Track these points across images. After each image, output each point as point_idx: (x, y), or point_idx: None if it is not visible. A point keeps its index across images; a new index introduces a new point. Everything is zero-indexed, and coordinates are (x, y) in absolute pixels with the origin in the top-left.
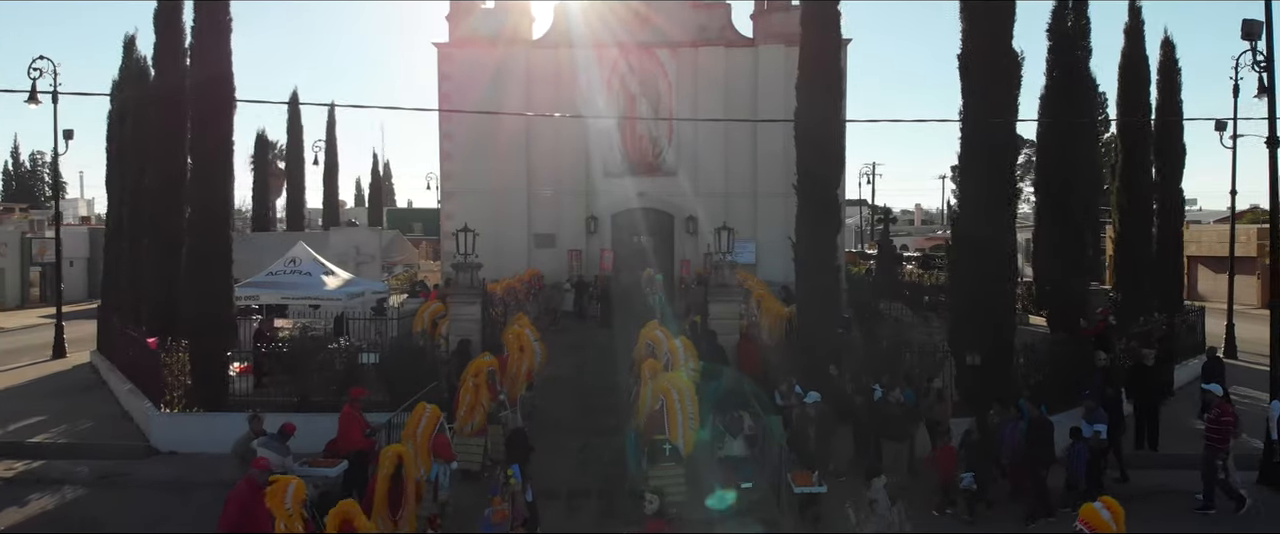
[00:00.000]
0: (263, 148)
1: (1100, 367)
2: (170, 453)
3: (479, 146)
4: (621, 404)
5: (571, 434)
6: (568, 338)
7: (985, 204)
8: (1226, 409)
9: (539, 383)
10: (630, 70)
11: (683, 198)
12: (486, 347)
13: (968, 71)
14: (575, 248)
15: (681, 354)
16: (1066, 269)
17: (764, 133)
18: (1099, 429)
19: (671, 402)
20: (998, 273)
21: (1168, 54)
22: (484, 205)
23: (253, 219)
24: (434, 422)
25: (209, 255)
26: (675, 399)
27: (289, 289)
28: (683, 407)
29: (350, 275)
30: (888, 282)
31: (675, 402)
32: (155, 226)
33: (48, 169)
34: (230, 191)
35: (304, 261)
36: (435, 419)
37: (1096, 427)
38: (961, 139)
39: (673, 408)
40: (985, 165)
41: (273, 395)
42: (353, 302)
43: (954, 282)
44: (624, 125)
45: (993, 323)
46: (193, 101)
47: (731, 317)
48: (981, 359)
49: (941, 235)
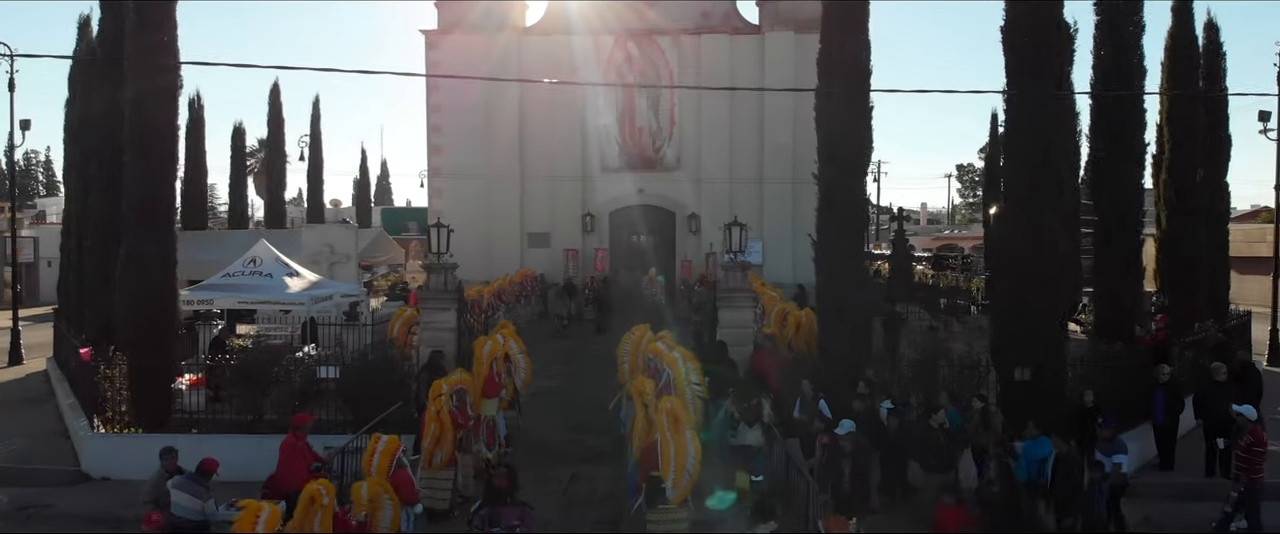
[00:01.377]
0: (239, 140)
1: (1163, 382)
2: (102, 479)
3: (469, 141)
4: (614, 423)
5: (559, 462)
6: (558, 345)
7: (1034, 194)
8: (1259, 436)
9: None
10: (629, 60)
11: (684, 194)
12: (462, 360)
13: (1013, 44)
14: (571, 247)
15: (684, 370)
16: (1117, 269)
17: (771, 125)
18: (1120, 461)
19: (663, 433)
20: (1049, 274)
21: (1212, 37)
22: (475, 203)
23: (229, 216)
24: (391, 454)
25: (149, 254)
26: (667, 433)
27: (246, 292)
28: (677, 442)
29: (318, 277)
30: (903, 283)
31: (667, 437)
32: (96, 221)
33: (41, 168)
34: (173, 180)
35: (265, 261)
36: (392, 452)
37: (1116, 458)
38: (1006, 120)
39: (665, 444)
40: (1034, 150)
41: (225, 413)
42: (319, 306)
43: (996, 284)
44: (622, 118)
45: (1043, 332)
46: (131, 76)
47: (743, 325)
48: (1032, 373)
49: (949, 235)
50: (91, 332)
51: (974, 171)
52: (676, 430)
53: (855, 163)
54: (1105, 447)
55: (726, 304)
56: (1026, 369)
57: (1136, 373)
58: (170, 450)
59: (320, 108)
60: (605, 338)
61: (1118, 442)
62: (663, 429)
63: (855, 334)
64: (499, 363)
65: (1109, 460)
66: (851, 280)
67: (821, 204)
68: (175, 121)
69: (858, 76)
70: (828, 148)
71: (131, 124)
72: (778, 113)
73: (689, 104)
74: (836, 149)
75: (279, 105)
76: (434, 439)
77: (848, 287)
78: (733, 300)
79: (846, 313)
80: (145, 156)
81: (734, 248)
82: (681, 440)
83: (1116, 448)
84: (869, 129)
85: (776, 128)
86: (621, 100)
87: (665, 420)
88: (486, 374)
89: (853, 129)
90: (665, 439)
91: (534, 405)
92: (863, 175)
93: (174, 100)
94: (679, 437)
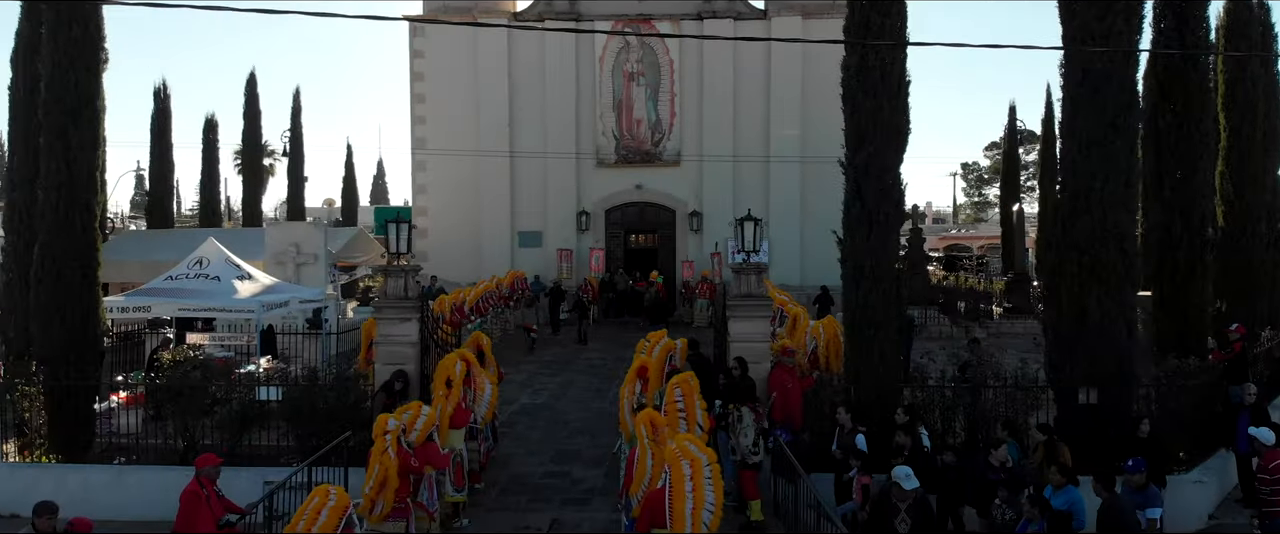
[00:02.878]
0: (211, 133)
1: (1246, 405)
2: (10, 516)
3: (456, 134)
4: (605, 450)
5: (537, 500)
6: (547, 354)
7: (1100, 180)
8: (1275, 457)
9: (501, 419)
10: (626, 46)
11: (685, 190)
12: (426, 382)
13: (1072, 8)
14: (565, 247)
15: (697, 405)
16: (1182, 272)
17: (778, 117)
18: (1153, 514)
19: (680, 478)
20: (1121, 277)
21: (1264, 18)
22: (461, 200)
23: (200, 214)
24: (336, 519)
25: (65, 255)
26: (685, 476)
27: (188, 298)
28: (696, 488)
29: (274, 280)
30: (920, 286)
31: (684, 480)
32: (12, 217)
33: None
34: (93, 166)
35: (213, 262)
36: (338, 515)
37: (1150, 513)
38: (1065, 98)
39: (680, 489)
40: (1100, 125)
41: (156, 440)
42: (273, 312)
43: (1055, 288)
44: (619, 109)
45: (1113, 346)
46: (46, 42)
47: (760, 338)
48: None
49: (956, 235)
50: (19, 344)
51: (980, 170)
52: (695, 473)
53: (890, 145)
54: (1138, 492)
55: (738, 313)
56: (1092, 390)
57: (1209, 393)
58: (46, 507)
59: (301, 100)
60: (599, 349)
61: (1151, 492)
62: (680, 474)
63: (890, 348)
64: (457, 385)
65: (1144, 514)
66: (885, 282)
67: (850, 194)
68: (98, 97)
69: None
70: (856, 128)
71: (46, 101)
72: (785, 104)
73: (690, 95)
74: (867, 128)
75: (256, 96)
76: (377, 484)
77: (881, 290)
78: (744, 309)
79: (881, 322)
80: (61, 138)
81: (747, 246)
82: (701, 492)
83: (1150, 499)
84: (906, 106)
85: (783, 120)
86: (618, 90)
87: (684, 468)
88: (455, 399)
89: (887, 105)
90: (679, 490)
91: (513, 426)
92: (898, 159)
93: (96, 67)
94: (698, 487)
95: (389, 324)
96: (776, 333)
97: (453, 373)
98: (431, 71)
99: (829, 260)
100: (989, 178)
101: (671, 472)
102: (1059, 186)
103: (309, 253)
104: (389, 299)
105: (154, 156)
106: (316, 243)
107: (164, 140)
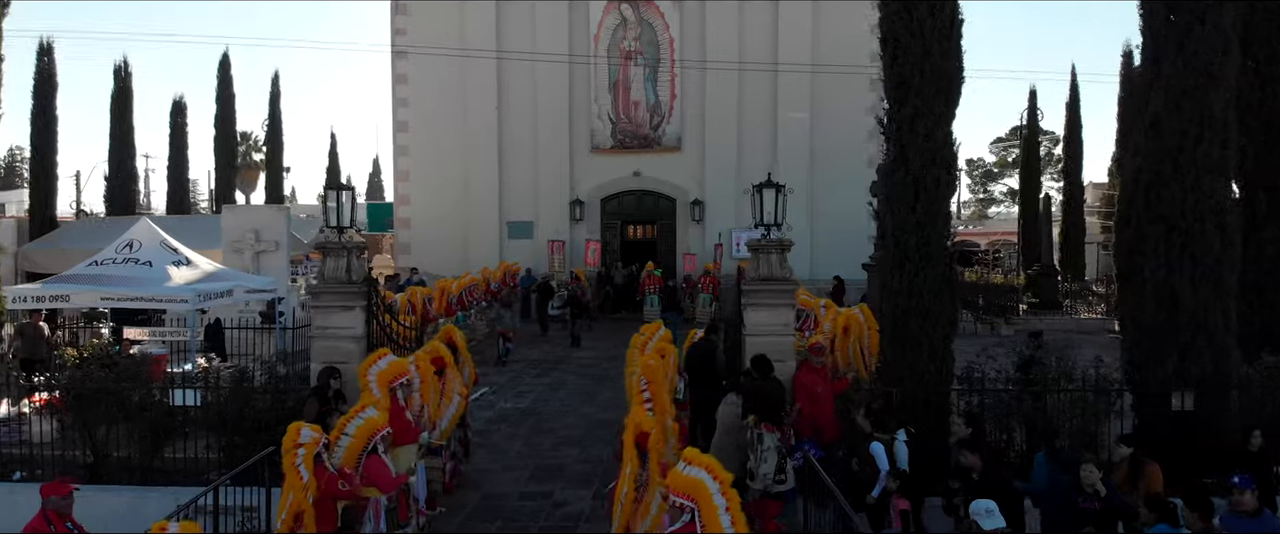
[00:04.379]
0: (179, 117)
1: None
2: None
3: (441, 118)
4: (595, 465)
5: (507, 532)
6: (534, 352)
7: (1192, 138)
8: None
9: (476, 427)
10: (623, 22)
11: (686, 178)
12: None
13: None
14: (557, 238)
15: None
16: (1270, 255)
17: (785, 98)
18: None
19: (710, 510)
20: (1218, 256)
21: None
22: (447, 187)
23: (168, 202)
24: None
25: None
26: (712, 509)
27: (113, 285)
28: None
29: (217, 266)
30: None
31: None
32: None
33: (27, 164)
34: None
35: (145, 246)
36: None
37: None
38: (1145, 31)
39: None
40: (1192, 72)
41: (66, 450)
42: (212, 302)
43: (1130, 277)
44: (615, 91)
45: (1211, 342)
46: None
47: (783, 329)
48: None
49: (963, 231)
50: None
51: (985, 166)
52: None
53: (940, 95)
54: (1245, 524)
55: (755, 300)
56: (1187, 395)
57: None
58: None
59: (280, 85)
60: (595, 344)
61: (1266, 518)
62: (704, 497)
63: (942, 344)
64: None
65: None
66: (937, 264)
67: (891, 156)
68: None
69: None
70: (899, 77)
71: None
72: (793, 86)
73: (692, 75)
74: (911, 76)
75: (229, 79)
76: (291, 515)
77: (932, 273)
78: (763, 295)
79: (933, 312)
80: None
81: (767, 218)
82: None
83: (1266, 526)
84: (960, 49)
85: (792, 102)
86: (615, 70)
87: (713, 493)
88: (394, 409)
89: (938, 48)
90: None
91: (489, 435)
92: (950, 113)
93: None
94: None
95: (326, 314)
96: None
97: (409, 373)
98: (414, 50)
99: (841, 250)
100: (997, 173)
101: (699, 507)
102: (1132, 153)
103: (269, 240)
104: (326, 283)
105: (114, 139)
106: (278, 229)
107: (124, 122)
